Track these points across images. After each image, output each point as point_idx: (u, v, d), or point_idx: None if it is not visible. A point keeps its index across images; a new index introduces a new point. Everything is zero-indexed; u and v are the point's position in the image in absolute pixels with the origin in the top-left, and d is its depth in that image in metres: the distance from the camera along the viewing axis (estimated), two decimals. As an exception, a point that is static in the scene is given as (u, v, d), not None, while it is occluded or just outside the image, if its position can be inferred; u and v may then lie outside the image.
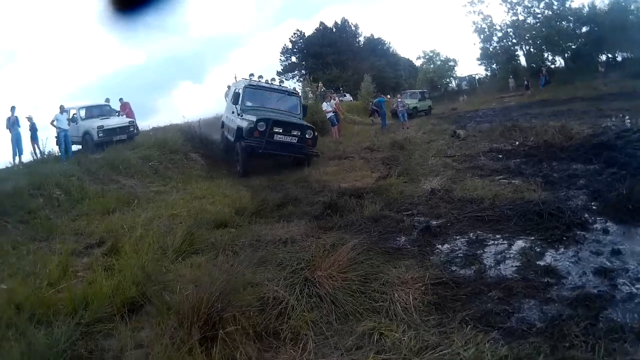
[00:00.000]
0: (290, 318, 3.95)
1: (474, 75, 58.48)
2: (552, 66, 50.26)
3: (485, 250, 5.43)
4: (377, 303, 4.16)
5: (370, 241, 5.84)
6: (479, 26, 55.23)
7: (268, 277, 4.69)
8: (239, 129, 12.97)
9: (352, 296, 4.26)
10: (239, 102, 13.91)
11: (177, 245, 6.01)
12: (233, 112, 14.38)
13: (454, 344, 3.35)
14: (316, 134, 13.75)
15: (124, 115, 18.59)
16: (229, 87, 25.07)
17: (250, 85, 14.69)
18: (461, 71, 63.26)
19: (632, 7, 42.44)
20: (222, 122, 16.39)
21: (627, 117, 17.23)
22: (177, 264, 5.54)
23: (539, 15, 51.13)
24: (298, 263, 4.97)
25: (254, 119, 12.38)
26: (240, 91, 14.29)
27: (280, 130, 12.56)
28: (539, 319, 3.69)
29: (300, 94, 17.73)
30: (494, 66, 56.89)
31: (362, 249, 5.22)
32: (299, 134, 12.85)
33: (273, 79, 16.24)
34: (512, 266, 4.87)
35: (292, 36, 65.56)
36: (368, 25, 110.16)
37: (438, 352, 3.29)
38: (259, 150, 12.20)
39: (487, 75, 58.11)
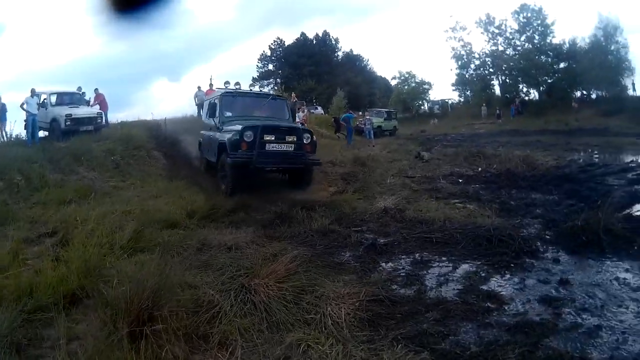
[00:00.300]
0: (221, 322, 3.99)
1: (447, 100, 59.80)
2: (526, 98, 51.78)
3: (429, 271, 5.46)
4: (309, 315, 4.19)
5: (313, 254, 5.92)
6: (458, 52, 56.84)
7: (207, 280, 4.79)
8: (221, 144, 11.10)
9: (285, 306, 4.29)
10: (217, 114, 12.04)
11: (124, 242, 6.08)
12: (211, 129, 12.52)
13: (381, 360, 3.35)
14: (314, 137, 11.84)
15: (97, 106, 18.90)
16: (199, 87, 24.99)
17: (227, 93, 12.97)
18: (435, 95, 64.44)
19: (612, 47, 43.97)
20: (199, 142, 14.34)
21: (595, 153, 17.78)
22: (122, 260, 5.54)
23: (519, 48, 52.80)
24: (237, 269, 5.07)
25: (238, 128, 10.55)
26: (217, 101, 12.42)
27: (272, 138, 10.55)
28: (474, 343, 3.69)
29: (285, 98, 15.71)
30: (468, 93, 58.37)
31: (303, 261, 5.33)
32: (295, 139, 10.79)
33: (252, 85, 14.98)
34: (453, 289, 4.90)
35: (272, 44, 66.71)
36: (349, 41, 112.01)
37: (364, 368, 3.28)
38: (250, 165, 10.21)
39: (460, 101, 59.61)
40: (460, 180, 11.70)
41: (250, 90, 14.50)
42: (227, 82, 14.12)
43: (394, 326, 4.01)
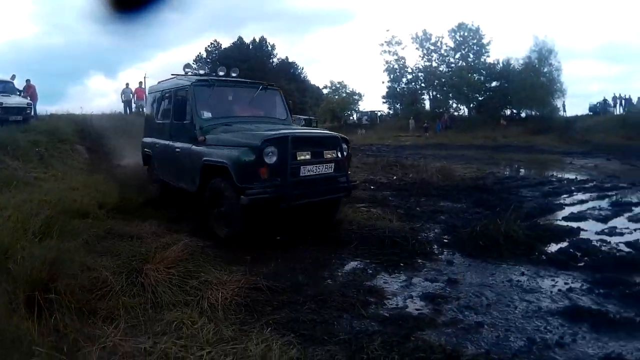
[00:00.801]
0: (110, 300, 4.38)
1: (376, 112, 60.99)
2: (456, 113, 53.68)
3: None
4: (190, 297, 4.57)
5: (206, 245, 6.43)
6: (392, 66, 58.53)
7: (105, 264, 5.10)
8: (211, 165, 7.10)
9: (170, 289, 4.69)
10: (188, 116, 8.04)
11: (36, 227, 6.25)
12: (172, 137, 8.75)
13: (248, 341, 3.62)
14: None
15: (28, 97, 19.44)
16: (127, 84, 25.28)
17: (201, 82, 8.37)
18: (364, 106, 66.08)
19: (545, 69, 46.34)
20: (147, 155, 10.51)
21: (517, 167, 18.66)
22: (32, 244, 5.61)
23: (453, 65, 54.90)
24: (133, 255, 5.45)
25: (255, 142, 6.48)
26: (187, 94, 8.15)
27: (308, 157, 6.88)
28: (344, 331, 3.94)
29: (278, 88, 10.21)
30: (397, 106, 60.07)
31: (194, 251, 5.82)
32: (335, 155, 7.18)
33: (219, 70, 9.57)
34: (337, 283, 5.20)
35: (208, 46, 68.16)
36: (284, 48, 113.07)
37: (231, 345, 3.59)
38: (282, 205, 6.50)
39: (389, 113, 61.34)
40: (372, 187, 12.08)
41: (218, 75, 9.23)
42: (187, 65, 9.61)
43: (270, 312, 4.32)
